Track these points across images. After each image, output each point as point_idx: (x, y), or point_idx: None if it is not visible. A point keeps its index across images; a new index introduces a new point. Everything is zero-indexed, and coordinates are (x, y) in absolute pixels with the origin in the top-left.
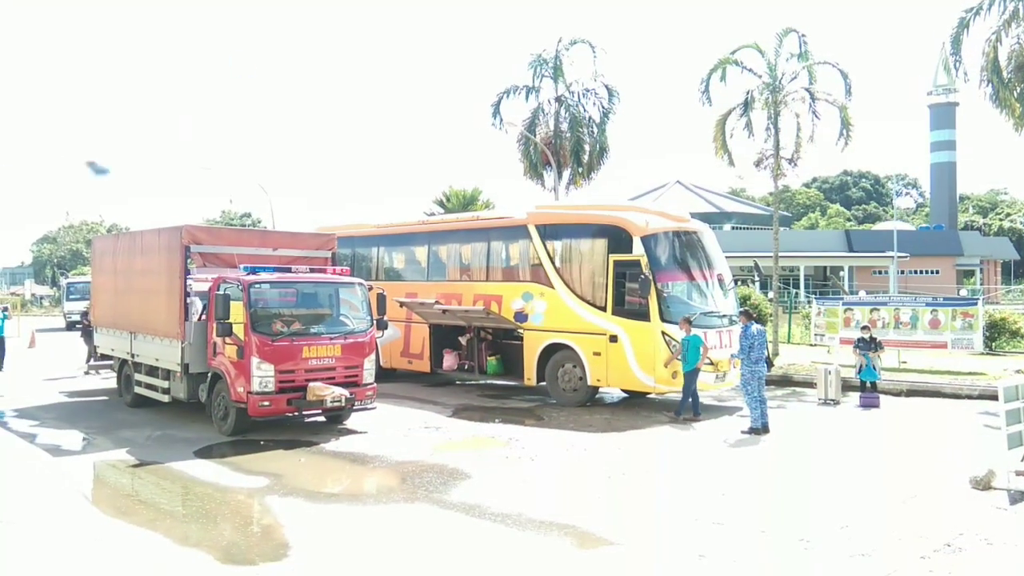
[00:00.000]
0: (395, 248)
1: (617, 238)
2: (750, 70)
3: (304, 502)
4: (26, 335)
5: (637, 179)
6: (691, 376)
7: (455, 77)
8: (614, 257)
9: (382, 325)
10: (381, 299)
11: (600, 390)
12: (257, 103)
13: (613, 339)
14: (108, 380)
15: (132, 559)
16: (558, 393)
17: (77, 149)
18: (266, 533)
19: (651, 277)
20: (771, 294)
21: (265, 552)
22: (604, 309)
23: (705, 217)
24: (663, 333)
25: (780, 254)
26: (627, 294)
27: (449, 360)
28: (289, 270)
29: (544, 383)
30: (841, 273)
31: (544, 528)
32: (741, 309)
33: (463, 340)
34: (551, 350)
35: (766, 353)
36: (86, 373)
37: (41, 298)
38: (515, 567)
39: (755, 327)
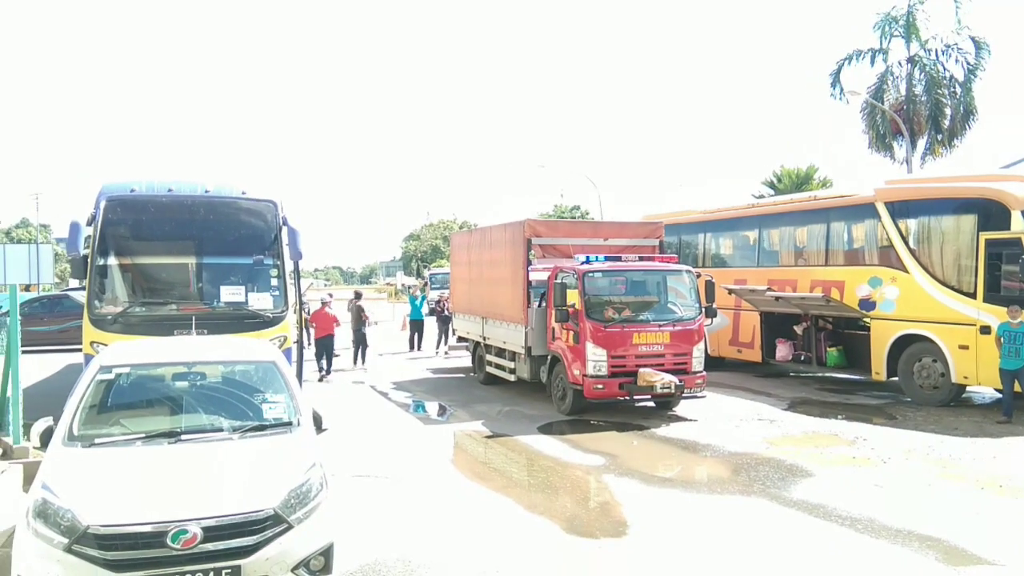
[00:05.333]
0: (722, 234)
1: (988, 213)
2: None
3: (639, 484)
4: (399, 319)
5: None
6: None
7: (783, 49)
8: (986, 235)
9: (711, 313)
10: (709, 286)
11: (967, 389)
12: (585, 100)
13: (985, 330)
14: (462, 360)
15: (492, 519)
16: (913, 390)
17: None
18: (604, 509)
19: None
20: None
21: (605, 527)
22: (973, 296)
23: None
24: None
25: None
26: (1004, 278)
27: (783, 350)
28: (619, 259)
29: (896, 378)
30: None
31: (902, 538)
32: None
33: (798, 329)
34: (905, 341)
35: None
36: (445, 355)
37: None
38: None
39: None
